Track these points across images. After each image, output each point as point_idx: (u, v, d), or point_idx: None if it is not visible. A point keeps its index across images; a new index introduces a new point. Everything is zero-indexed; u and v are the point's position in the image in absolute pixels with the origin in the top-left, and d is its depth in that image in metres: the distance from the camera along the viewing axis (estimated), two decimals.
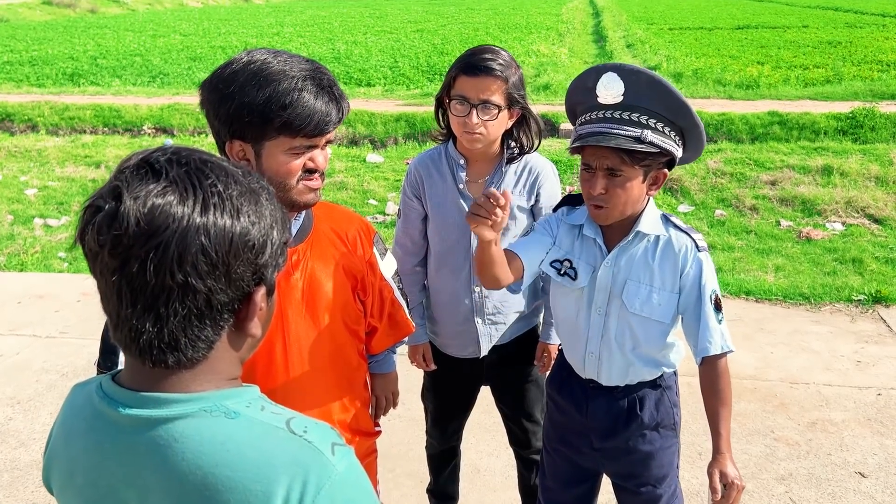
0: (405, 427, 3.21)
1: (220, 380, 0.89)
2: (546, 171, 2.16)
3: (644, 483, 1.93)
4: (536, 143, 2.12)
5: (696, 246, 1.77)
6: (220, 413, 0.85)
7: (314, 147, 1.46)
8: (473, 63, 1.97)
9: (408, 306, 1.86)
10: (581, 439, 1.96)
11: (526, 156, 2.14)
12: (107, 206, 0.80)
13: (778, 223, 6.18)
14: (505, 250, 1.79)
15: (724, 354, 1.74)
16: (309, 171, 1.47)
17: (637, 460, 1.91)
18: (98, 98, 11.00)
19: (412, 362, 2.34)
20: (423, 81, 11.72)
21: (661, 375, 1.89)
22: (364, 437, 1.74)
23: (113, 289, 0.82)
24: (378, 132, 8.88)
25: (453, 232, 2.16)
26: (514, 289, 1.86)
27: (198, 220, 0.81)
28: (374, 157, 7.81)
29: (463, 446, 2.65)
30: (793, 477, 2.91)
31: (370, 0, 49.15)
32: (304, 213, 1.59)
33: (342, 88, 1.48)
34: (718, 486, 1.61)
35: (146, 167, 0.83)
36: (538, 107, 9.94)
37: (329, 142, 1.49)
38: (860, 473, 2.93)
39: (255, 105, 1.38)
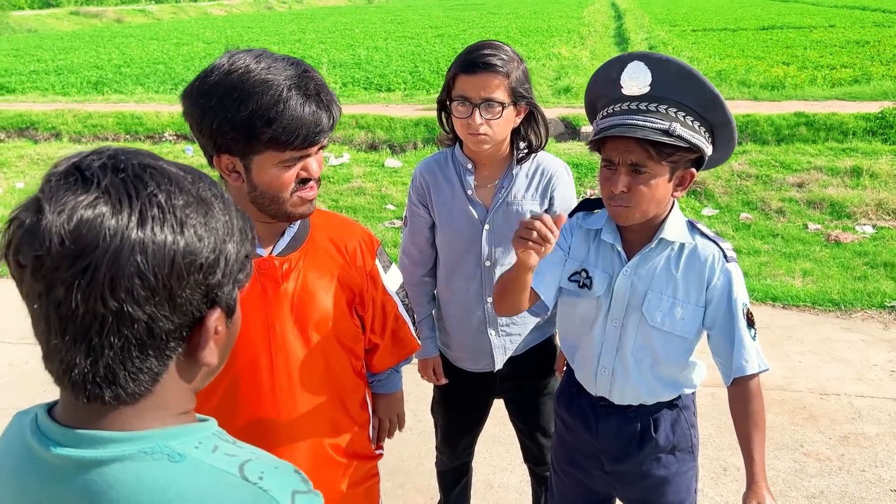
0: (417, 440, 3.11)
1: (168, 416, 0.78)
2: (560, 173, 2.04)
3: None
4: (545, 139, 2.01)
5: (725, 256, 1.62)
6: (163, 455, 0.74)
7: (306, 156, 1.37)
8: (472, 60, 1.85)
9: (414, 323, 1.75)
10: (591, 461, 1.83)
11: (538, 157, 2.02)
12: (27, 221, 0.69)
13: (805, 226, 6.01)
14: None
15: (757, 374, 1.61)
16: (303, 182, 1.39)
17: (652, 485, 1.77)
18: (121, 106, 11.09)
19: (423, 377, 2.23)
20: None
21: (679, 395, 1.76)
22: (362, 460, 1.63)
23: (40, 315, 0.71)
24: (397, 137, 8.82)
25: (463, 240, 2.05)
26: (536, 312, 1.74)
27: (133, 236, 0.69)
28: (392, 161, 7.74)
29: (476, 461, 2.53)
30: (824, 495, 2.76)
31: (392, 6, 49.14)
32: (299, 220, 1.50)
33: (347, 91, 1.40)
34: None
35: (76, 174, 0.72)
36: (558, 109, 9.87)
37: (322, 147, 1.40)
38: None
39: (238, 121, 1.29)
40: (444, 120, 2.02)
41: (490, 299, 2.05)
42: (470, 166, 2.01)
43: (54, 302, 0.70)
